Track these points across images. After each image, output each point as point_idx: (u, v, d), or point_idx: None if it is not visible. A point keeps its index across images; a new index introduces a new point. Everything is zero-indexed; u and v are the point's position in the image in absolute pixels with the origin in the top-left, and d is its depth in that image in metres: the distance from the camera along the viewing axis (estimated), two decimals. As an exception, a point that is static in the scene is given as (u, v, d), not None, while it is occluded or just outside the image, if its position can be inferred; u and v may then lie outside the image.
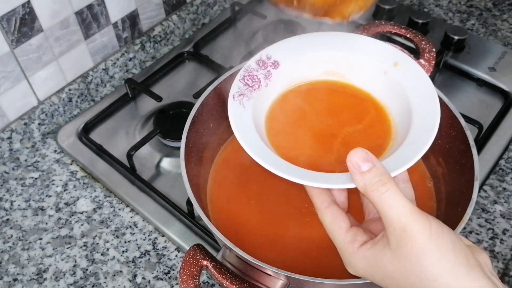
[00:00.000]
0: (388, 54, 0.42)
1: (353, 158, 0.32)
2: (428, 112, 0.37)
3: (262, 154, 0.35)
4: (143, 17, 0.74)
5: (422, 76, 0.40)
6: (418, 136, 0.36)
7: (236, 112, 0.39)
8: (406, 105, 0.39)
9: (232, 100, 0.40)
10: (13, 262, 0.55)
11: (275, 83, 0.42)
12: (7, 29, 0.57)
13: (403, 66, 0.41)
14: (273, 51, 0.43)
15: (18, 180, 0.63)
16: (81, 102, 0.71)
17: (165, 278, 0.54)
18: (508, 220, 0.57)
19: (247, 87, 0.41)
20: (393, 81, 0.41)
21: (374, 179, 0.31)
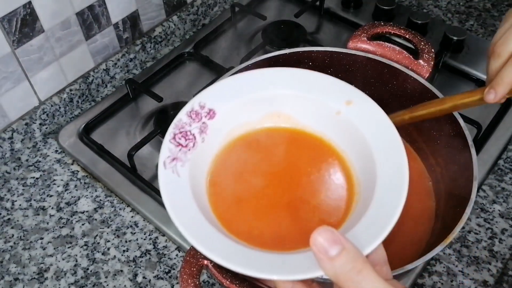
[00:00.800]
0: (339, 91, 0.36)
1: (317, 241, 0.26)
2: (393, 160, 0.32)
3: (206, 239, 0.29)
4: (143, 18, 0.74)
5: (381, 116, 0.34)
6: (386, 194, 0.30)
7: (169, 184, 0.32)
8: (367, 150, 0.33)
9: (162, 168, 0.33)
10: (14, 262, 0.56)
11: (213, 136, 0.36)
12: (8, 29, 0.57)
13: (357, 105, 0.35)
14: (206, 98, 0.36)
15: (19, 180, 0.63)
16: (82, 102, 0.71)
17: (165, 277, 0.54)
18: (507, 219, 0.57)
19: (180, 147, 0.34)
20: (347, 122, 0.35)
21: (346, 266, 0.26)
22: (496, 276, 0.53)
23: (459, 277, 0.53)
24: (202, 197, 0.34)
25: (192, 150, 0.34)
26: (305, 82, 0.37)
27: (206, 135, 0.35)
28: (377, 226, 0.29)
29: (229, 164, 0.37)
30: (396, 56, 0.51)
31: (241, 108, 0.37)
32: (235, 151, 0.37)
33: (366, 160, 0.33)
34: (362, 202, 0.32)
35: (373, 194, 0.31)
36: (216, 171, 0.36)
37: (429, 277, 0.53)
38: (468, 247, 0.55)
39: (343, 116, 0.35)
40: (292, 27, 0.78)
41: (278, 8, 0.83)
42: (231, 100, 0.37)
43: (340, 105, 0.36)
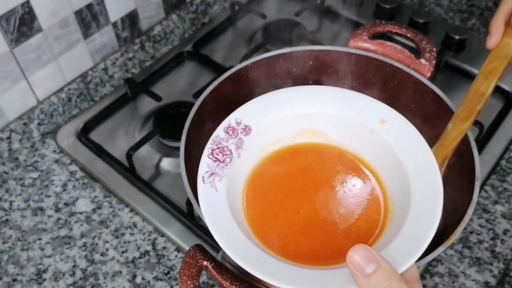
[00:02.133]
0: (373, 110, 0.37)
1: (354, 259, 0.27)
2: (428, 181, 0.32)
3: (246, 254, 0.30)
4: (142, 17, 0.74)
5: (415, 135, 0.35)
6: (420, 212, 0.31)
7: (208, 199, 0.33)
8: (400, 168, 0.34)
9: (202, 183, 0.34)
10: (13, 263, 0.55)
11: (249, 152, 0.37)
12: (6, 28, 0.57)
13: (392, 124, 0.36)
14: (242, 115, 0.38)
15: (17, 180, 0.63)
16: (81, 102, 0.71)
17: (164, 278, 0.54)
18: (509, 220, 0.57)
19: (218, 163, 0.35)
20: (381, 141, 0.36)
21: (382, 284, 0.26)
22: (498, 277, 0.53)
23: (461, 278, 0.52)
24: (238, 211, 0.34)
25: (229, 165, 0.36)
26: (339, 100, 0.38)
27: (242, 151, 0.37)
28: (411, 245, 0.29)
29: (264, 179, 0.37)
30: (398, 55, 0.50)
31: (276, 125, 0.38)
32: (271, 166, 0.38)
33: (401, 179, 0.34)
34: (396, 220, 0.33)
35: (407, 213, 0.31)
36: (252, 186, 0.37)
37: (431, 278, 0.53)
38: (470, 248, 0.55)
39: (377, 135, 0.36)
40: (292, 26, 0.77)
41: (278, 7, 0.83)
42: (266, 117, 0.38)
43: (375, 124, 0.36)
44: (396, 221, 0.32)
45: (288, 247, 0.33)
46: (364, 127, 0.37)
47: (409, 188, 0.32)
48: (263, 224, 0.35)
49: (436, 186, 0.32)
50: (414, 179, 0.33)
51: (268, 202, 0.36)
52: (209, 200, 0.33)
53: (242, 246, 0.31)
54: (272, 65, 0.52)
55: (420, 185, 0.32)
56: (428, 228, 0.30)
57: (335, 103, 0.38)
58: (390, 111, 0.37)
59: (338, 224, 0.34)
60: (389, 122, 0.36)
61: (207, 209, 0.33)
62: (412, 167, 0.33)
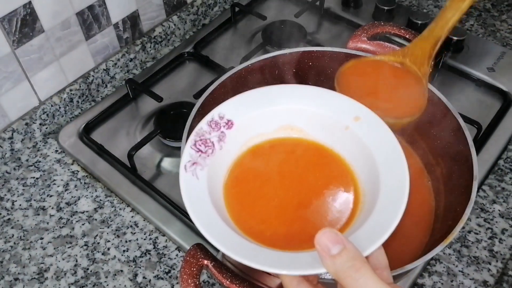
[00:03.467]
0: (348, 108, 0.39)
1: (321, 240, 0.29)
2: (396, 173, 0.34)
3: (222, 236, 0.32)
4: (143, 18, 0.74)
5: (386, 131, 0.37)
6: (387, 202, 0.33)
7: (189, 185, 0.35)
8: (372, 163, 0.36)
9: (183, 171, 0.36)
10: (14, 262, 0.56)
11: (230, 145, 0.39)
12: (8, 29, 0.57)
13: (365, 121, 0.38)
14: (225, 110, 0.40)
15: (19, 180, 0.63)
16: (82, 102, 0.71)
17: (165, 277, 0.54)
18: (507, 219, 0.57)
19: (200, 153, 0.37)
20: (355, 136, 0.38)
21: (346, 264, 0.28)
22: (496, 276, 0.53)
23: (459, 277, 0.53)
24: (218, 199, 0.36)
25: (210, 156, 0.37)
26: (317, 98, 0.40)
27: (224, 143, 0.38)
28: (377, 231, 0.31)
29: (244, 169, 0.39)
30: (396, 56, 0.50)
31: (257, 120, 0.40)
32: (251, 157, 0.40)
33: (371, 172, 0.36)
34: (365, 210, 0.35)
35: (376, 203, 0.33)
36: (232, 176, 0.39)
37: (429, 277, 0.53)
38: (468, 247, 0.55)
39: (351, 131, 0.38)
40: (292, 27, 0.77)
41: (278, 8, 0.83)
42: (248, 112, 0.40)
43: (349, 120, 0.38)
44: (365, 210, 0.35)
45: (265, 232, 0.35)
46: (339, 123, 0.39)
47: (379, 181, 0.35)
48: (241, 210, 0.37)
49: (403, 178, 0.34)
50: (383, 172, 0.35)
51: (247, 190, 0.38)
52: (190, 187, 0.35)
53: (219, 229, 0.33)
54: (272, 66, 0.53)
55: (388, 178, 0.34)
56: (393, 216, 0.32)
57: (313, 101, 0.40)
58: (364, 109, 0.39)
59: (311, 212, 0.36)
60: (363, 119, 0.38)
61: (187, 195, 0.34)
62: (382, 161, 0.36)
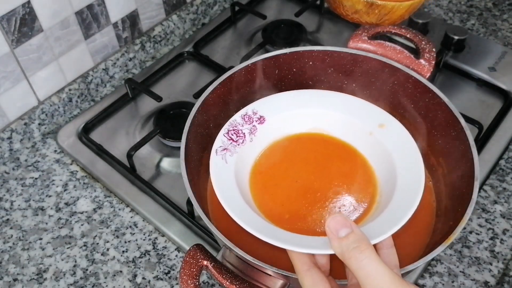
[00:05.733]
0: (374, 115, 0.42)
1: (331, 224, 0.31)
2: (413, 177, 0.37)
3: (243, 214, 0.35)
4: (143, 17, 0.74)
5: (407, 139, 0.40)
6: (401, 202, 0.36)
7: (217, 167, 0.39)
8: (391, 166, 0.39)
9: (214, 155, 0.40)
10: (13, 262, 0.55)
11: (260, 138, 0.42)
12: (7, 29, 0.57)
13: (388, 128, 0.41)
14: (259, 107, 0.43)
15: (18, 180, 0.63)
16: (81, 102, 0.71)
17: (165, 278, 0.54)
18: (508, 220, 0.57)
19: (231, 141, 0.41)
20: (378, 142, 0.41)
21: (351, 246, 0.30)
22: (498, 277, 0.53)
23: (460, 278, 0.53)
24: (244, 182, 0.40)
25: (240, 146, 0.41)
26: (346, 104, 0.43)
27: (255, 136, 0.42)
28: (386, 225, 0.34)
29: (270, 159, 0.42)
30: (397, 55, 0.50)
31: (287, 120, 0.43)
32: (278, 149, 0.43)
33: (390, 174, 0.39)
34: (379, 208, 0.37)
35: (389, 202, 0.36)
36: (259, 164, 0.42)
37: (430, 277, 0.53)
38: (469, 248, 0.55)
39: (375, 136, 0.41)
40: (292, 26, 0.77)
41: (278, 7, 0.83)
42: (280, 111, 0.43)
43: (374, 127, 0.41)
44: (379, 208, 0.37)
45: (283, 215, 0.37)
46: (364, 129, 0.41)
47: (395, 183, 0.37)
48: (264, 194, 0.39)
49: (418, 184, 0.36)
50: (401, 175, 0.37)
51: (271, 177, 0.41)
52: (218, 169, 0.38)
53: (241, 208, 0.36)
54: (272, 66, 0.52)
55: (405, 182, 0.37)
56: (403, 215, 0.34)
57: (342, 107, 0.43)
58: (389, 117, 0.41)
59: (329, 201, 0.39)
60: (386, 126, 0.41)
61: (216, 176, 0.38)
62: (402, 166, 0.38)
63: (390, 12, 0.39)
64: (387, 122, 0.41)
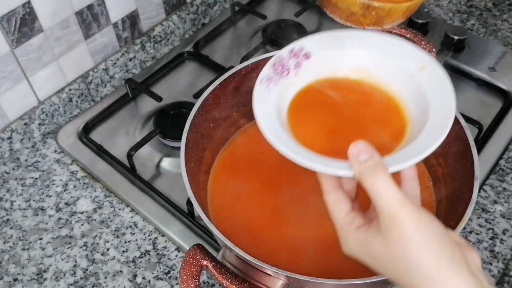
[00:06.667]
0: (416, 57, 0.43)
1: (353, 149, 0.34)
2: (442, 120, 0.38)
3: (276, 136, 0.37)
4: (143, 17, 0.74)
5: (446, 82, 0.41)
6: (425, 139, 0.37)
7: (260, 94, 0.41)
8: (424, 109, 0.40)
9: (259, 83, 0.42)
10: (13, 262, 0.56)
11: (304, 73, 0.44)
12: (7, 29, 0.57)
13: (428, 71, 0.42)
14: (306, 43, 0.45)
15: (18, 180, 0.63)
16: (81, 102, 0.71)
17: (165, 278, 0.54)
18: (508, 220, 0.57)
19: (276, 73, 0.42)
20: (416, 84, 0.42)
21: (369, 168, 0.33)
22: (498, 277, 0.53)
23: (460, 278, 0.52)
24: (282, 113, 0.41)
25: (284, 78, 0.42)
26: (389, 45, 0.44)
27: (299, 71, 0.43)
28: (406, 157, 0.35)
29: (310, 95, 0.44)
30: (397, 55, 0.50)
31: (332, 58, 0.44)
32: (318, 86, 0.44)
33: (422, 117, 0.40)
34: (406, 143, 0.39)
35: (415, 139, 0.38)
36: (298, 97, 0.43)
37: (430, 277, 0.53)
38: (469, 248, 0.55)
39: (415, 78, 0.42)
40: (292, 27, 0.77)
41: (278, 7, 0.83)
42: (325, 49, 0.44)
43: (414, 69, 0.42)
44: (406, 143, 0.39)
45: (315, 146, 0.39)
46: (405, 70, 0.42)
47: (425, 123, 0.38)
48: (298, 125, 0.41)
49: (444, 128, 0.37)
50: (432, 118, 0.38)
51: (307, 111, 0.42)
52: (261, 97, 0.40)
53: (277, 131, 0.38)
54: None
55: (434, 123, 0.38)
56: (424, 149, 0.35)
57: (386, 48, 0.44)
58: (430, 59, 0.42)
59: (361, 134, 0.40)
60: (427, 68, 0.42)
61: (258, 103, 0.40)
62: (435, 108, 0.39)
63: (388, 14, 0.40)
64: (428, 65, 0.42)
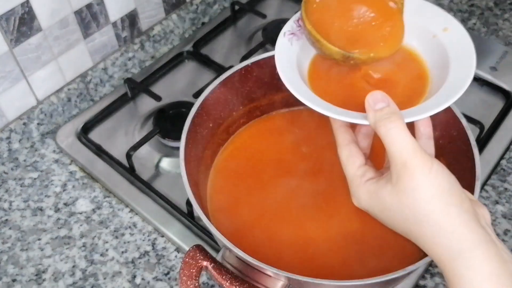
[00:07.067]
0: (441, 19, 0.43)
1: (370, 98, 0.35)
2: (461, 78, 0.39)
3: (296, 86, 0.38)
4: (142, 17, 0.74)
5: (468, 44, 0.41)
6: (442, 95, 0.38)
7: (282, 48, 0.41)
8: (445, 68, 0.41)
9: (282, 37, 0.42)
10: (12, 263, 0.55)
11: None
12: (6, 28, 0.57)
13: (452, 32, 0.42)
14: None
15: (17, 180, 0.63)
16: (80, 102, 0.71)
17: (164, 279, 0.54)
18: (510, 220, 0.57)
19: (300, 28, 0.42)
20: (440, 44, 0.42)
21: (384, 116, 0.33)
22: (499, 278, 0.53)
23: (462, 279, 0.52)
24: (303, 67, 0.42)
25: None
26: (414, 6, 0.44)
27: None
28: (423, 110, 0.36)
29: None
30: (398, 54, 0.50)
31: None
32: None
33: (442, 72, 0.41)
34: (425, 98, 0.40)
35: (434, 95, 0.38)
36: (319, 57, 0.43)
37: (431, 278, 0.53)
38: (470, 248, 0.55)
39: (438, 39, 0.43)
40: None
41: (278, 7, 0.83)
42: None
43: (438, 30, 0.43)
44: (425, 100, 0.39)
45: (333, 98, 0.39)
46: (429, 31, 0.43)
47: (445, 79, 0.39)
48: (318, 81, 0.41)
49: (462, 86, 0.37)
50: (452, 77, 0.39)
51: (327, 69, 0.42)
52: (283, 49, 0.41)
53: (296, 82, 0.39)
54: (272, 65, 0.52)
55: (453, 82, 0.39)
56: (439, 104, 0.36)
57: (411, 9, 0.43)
58: (454, 22, 0.43)
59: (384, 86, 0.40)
60: (450, 30, 0.42)
61: (279, 55, 0.40)
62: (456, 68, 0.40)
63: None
64: (452, 26, 0.43)
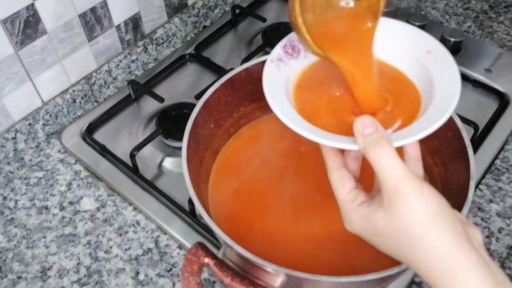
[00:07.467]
0: (423, 41, 0.44)
1: (358, 123, 0.35)
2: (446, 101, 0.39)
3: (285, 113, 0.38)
4: (145, 20, 0.74)
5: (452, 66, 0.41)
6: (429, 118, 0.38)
7: (270, 74, 0.42)
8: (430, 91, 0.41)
9: (270, 63, 0.43)
10: (18, 260, 0.56)
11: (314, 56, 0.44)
12: (11, 31, 0.58)
13: (436, 55, 0.42)
14: None
15: (22, 179, 0.64)
16: (85, 103, 0.72)
17: (167, 275, 0.55)
18: (504, 218, 0.58)
19: (286, 54, 0.43)
20: (424, 67, 0.42)
21: (373, 141, 0.33)
22: (493, 275, 0.54)
23: (456, 275, 0.53)
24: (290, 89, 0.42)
25: (294, 59, 0.43)
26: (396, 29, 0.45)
27: (309, 53, 0.44)
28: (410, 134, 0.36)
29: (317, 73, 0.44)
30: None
31: None
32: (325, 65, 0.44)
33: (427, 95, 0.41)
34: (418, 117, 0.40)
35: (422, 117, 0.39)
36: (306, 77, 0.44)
37: (427, 275, 0.53)
38: (465, 246, 0.56)
39: (422, 62, 0.43)
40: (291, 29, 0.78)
41: (278, 10, 0.84)
42: None
43: (422, 53, 0.43)
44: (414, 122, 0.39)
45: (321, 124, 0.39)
46: (413, 55, 0.43)
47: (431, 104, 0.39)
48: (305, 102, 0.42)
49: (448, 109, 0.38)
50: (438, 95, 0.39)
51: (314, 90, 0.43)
52: (271, 75, 0.42)
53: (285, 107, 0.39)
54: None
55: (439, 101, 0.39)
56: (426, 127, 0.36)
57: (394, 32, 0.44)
58: (438, 45, 0.43)
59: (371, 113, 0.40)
60: (434, 53, 0.42)
61: (267, 81, 0.41)
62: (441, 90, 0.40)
63: None
64: (436, 49, 0.43)
